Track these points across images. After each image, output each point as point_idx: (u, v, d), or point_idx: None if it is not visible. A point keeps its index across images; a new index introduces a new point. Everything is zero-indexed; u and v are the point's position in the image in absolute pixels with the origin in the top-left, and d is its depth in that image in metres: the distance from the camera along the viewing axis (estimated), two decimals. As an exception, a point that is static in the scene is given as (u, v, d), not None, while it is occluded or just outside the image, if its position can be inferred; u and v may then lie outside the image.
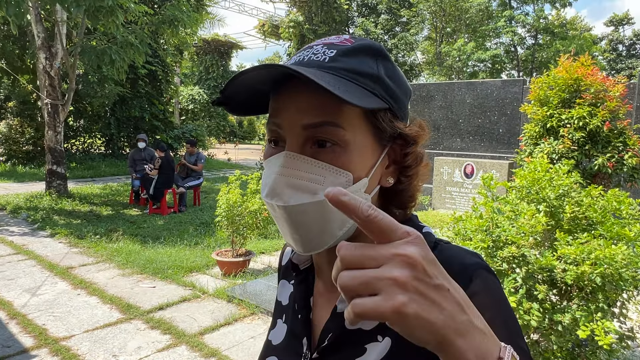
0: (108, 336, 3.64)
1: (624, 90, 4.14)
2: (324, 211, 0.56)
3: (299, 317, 0.68)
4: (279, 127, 0.58)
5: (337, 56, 0.57)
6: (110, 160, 16.28)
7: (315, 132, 0.56)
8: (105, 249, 6.00)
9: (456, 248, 0.62)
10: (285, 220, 0.57)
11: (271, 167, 0.58)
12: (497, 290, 0.57)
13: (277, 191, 0.56)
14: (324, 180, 0.55)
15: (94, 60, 8.00)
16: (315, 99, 0.55)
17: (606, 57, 35.83)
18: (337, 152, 0.56)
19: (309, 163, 0.56)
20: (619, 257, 2.32)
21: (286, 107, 0.57)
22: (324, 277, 0.69)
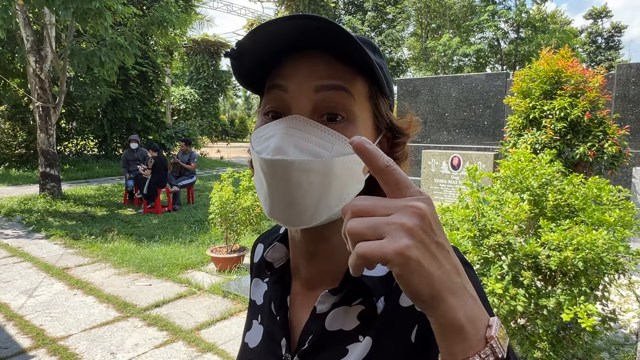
0: (105, 334, 3.69)
1: (603, 81, 4.23)
2: (327, 175, 0.53)
3: (277, 319, 0.66)
4: (284, 90, 0.55)
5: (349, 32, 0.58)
6: (104, 161, 16.27)
7: (328, 97, 0.54)
8: (101, 249, 6.04)
9: None
10: (282, 181, 0.52)
11: (271, 130, 0.55)
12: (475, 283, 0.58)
13: (283, 149, 0.52)
14: (332, 148, 0.53)
15: (83, 62, 8.00)
16: (329, 66, 0.54)
17: (586, 50, 36.25)
18: (346, 125, 0.55)
19: (320, 129, 0.53)
20: (599, 242, 2.40)
21: (297, 70, 0.55)
22: (301, 276, 0.67)
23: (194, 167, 9.47)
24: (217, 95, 28.29)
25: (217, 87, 27.92)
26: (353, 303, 0.59)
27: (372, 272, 0.58)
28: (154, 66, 16.90)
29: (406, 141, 0.64)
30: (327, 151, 0.53)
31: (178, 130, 18.33)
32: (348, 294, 0.59)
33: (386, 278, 0.58)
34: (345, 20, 26.95)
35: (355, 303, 0.59)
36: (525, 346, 2.62)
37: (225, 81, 28.28)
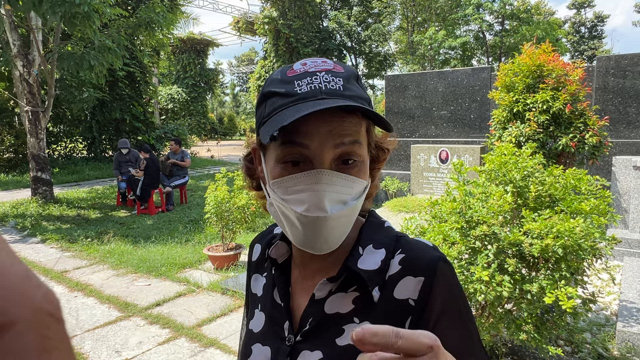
0: (109, 334, 3.79)
1: (583, 74, 4.41)
2: (351, 214, 0.65)
3: (281, 306, 0.74)
4: (307, 147, 0.62)
5: (345, 84, 0.63)
6: (94, 163, 16.21)
7: (345, 149, 0.63)
8: (98, 251, 6.11)
9: (417, 243, 0.71)
10: (319, 228, 0.63)
11: (301, 184, 0.63)
12: (453, 280, 0.68)
13: (319, 205, 0.61)
14: (352, 191, 0.64)
15: (72, 66, 8.00)
16: (344, 122, 0.62)
17: (570, 40, 36.75)
18: (358, 166, 0.65)
19: (343, 178, 0.63)
20: (577, 229, 2.55)
21: (318, 131, 0.61)
22: (302, 269, 0.76)
23: (189, 162, 9.55)
24: (205, 93, 28.19)
25: (204, 85, 27.81)
26: (349, 290, 0.69)
27: (366, 266, 0.68)
28: (141, 66, 16.85)
29: (387, 156, 0.75)
30: (349, 195, 0.64)
31: (167, 130, 18.31)
32: (344, 282, 0.69)
33: (379, 270, 0.68)
34: (331, 15, 27.00)
35: (351, 290, 0.69)
36: (512, 329, 2.77)
37: (212, 79, 28.18)
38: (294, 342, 0.70)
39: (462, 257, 2.78)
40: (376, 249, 0.70)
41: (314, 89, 0.62)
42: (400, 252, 0.69)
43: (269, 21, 22.23)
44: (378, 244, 0.71)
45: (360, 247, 0.71)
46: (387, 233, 0.74)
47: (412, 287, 0.66)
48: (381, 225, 0.76)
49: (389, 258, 0.69)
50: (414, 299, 0.65)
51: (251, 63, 58.01)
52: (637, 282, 3.96)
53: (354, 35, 26.65)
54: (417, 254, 0.68)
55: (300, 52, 23.12)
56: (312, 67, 0.64)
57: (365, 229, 0.74)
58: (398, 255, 0.69)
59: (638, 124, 6.63)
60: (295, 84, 0.63)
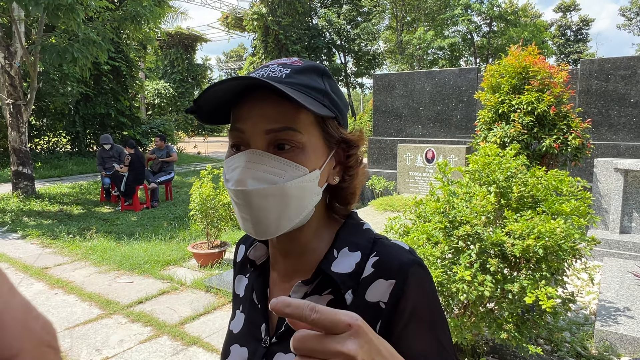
0: (89, 332, 3.73)
1: (567, 77, 4.47)
2: (284, 197, 0.63)
3: (258, 307, 0.75)
4: (242, 132, 0.65)
5: (291, 73, 0.64)
6: (77, 158, 15.95)
7: (277, 135, 0.63)
8: (80, 248, 6.02)
9: (393, 246, 0.70)
10: (247, 206, 0.64)
11: (236, 162, 0.65)
12: (427, 285, 0.67)
13: (242, 181, 0.63)
14: (285, 174, 0.63)
15: (55, 58, 7.84)
16: (276, 107, 0.62)
17: (556, 42, 37.31)
18: (295, 152, 0.64)
19: (273, 159, 0.63)
20: (558, 230, 2.59)
21: (250, 115, 0.64)
22: (278, 269, 0.76)
23: (176, 156, 9.47)
24: (193, 89, 27.94)
25: (192, 80, 27.58)
26: (323, 293, 0.68)
27: (340, 269, 0.67)
28: (127, 61, 16.62)
29: (357, 152, 0.73)
30: (280, 177, 0.63)
31: (153, 125, 18.11)
32: (319, 285, 0.69)
33: (353, 274, 0.67)
34: (321, 13, 26.95)
35: (325, 293, 0.68)
36: (493, 328, 2.80)
37: (200, 74, 27.94)
38: (270, 344, 0.71)
39: (445, 256, 2.80)
40: (351, 252, 0.70)
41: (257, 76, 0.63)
42: (374, 255, 0.69)
43: (258, 17, 22.10)
44: (354, 247, 0.70)
45: (335, 249, 0.70)
46: (364, 235, 0.73)
47: (383, 290, 0.65)
48: (359, 227, 0.75)
49: (364, 261, 0.68)
50: (384, 302, 0.64)
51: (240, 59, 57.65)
52: (616, 282, 4.03)
53: (344, 34, 26.65)
54: (390, 257, 0.68)
55: (289, 49, 23.04)
56: (274, 61, 0.68)
57: (342, 231, 0.73)
58: (372, 257, 0.68)
59: (620, 126, 6.74)
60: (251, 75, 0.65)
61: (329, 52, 27.32)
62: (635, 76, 6.53)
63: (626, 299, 3.64)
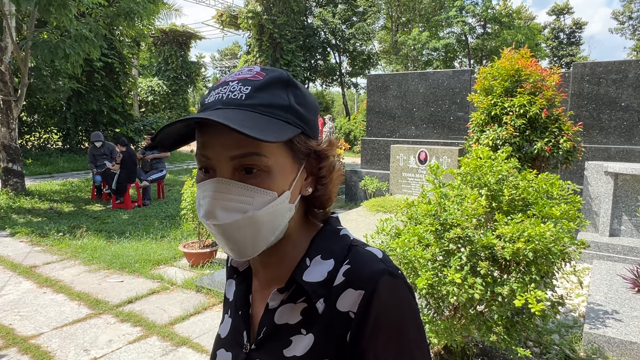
0: (78, 332, 3.70)
1: (559, 80, 4.49)
2: (255, 224, 0.64)
3: (239, 314, 0.76)
4: (207, 158, 0.64)
5: (252, 92, 0.63)
6: (69, 155, 15.81)
7: (242, 161, 0.62)
8: (69, 246, 5.96)
9: (366, 254, 0.69)
10: (222, 235, 0.64)
11: (205, 191, 0.64)
12: (397, 294, 0.65)
13: (212, 213, 0.62)
14: (253, 201, 0.63)
15: (47, 54, 7.76)
16: (236, 135, 0.59)
17: (549, 45, 37.59)
18: (262, 176, 0.63)
19: (240, 187, 0.63)
20: (547, 234, 2.60)
21: (212, 143, 0.63)
22: (259, 277, 0.77)
23: (168, 153, 9.40)
24: (187, 86, 27.78)
25: (186, 78, 27.41)
26: (298, 301, 0.69)
27: (311, 278, 0.68)
28: (120, 57, 16.50)
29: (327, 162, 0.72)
30: (249, 205, 0.63)
31: (146, 123, 18.01)
32: (293, 293, 0.69)
33: (325, 282, 0.67)
34: (316, 12, 26.92)
35: (300, 301, 0.69)
36: (483, 331, 2.81)
37: (194, 72, 27.78)
38: (249, 350, 0.72)
39: (436, 259, 2.80)
40: (324, 260, 0.70)
41: (216, 100, 0.64)
42: (347, 263, 0.68)
43: (252, 15, 22.02)
44: (327, 254, 0.70)
45: (308, 258, 0.70)
46: (339, 242, 0.72)
47: (352, 300, 0.65)
48: (335, 233, 0.74)
49: (337, 269, 0.68)
50: (354, 312, 0.64)
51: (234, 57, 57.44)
52: (605, 284, 4.07)
53: (339, 33, 26.64)
54: (361, 266, 0.67)
55: (284, 48, 22.99)
56: (233, 76, 0.67)
57: (317, 238, 0.73)
58: (345, 265, 0.68)
59: (610, 130, 6.80)
60: (210, 94, 0.66)
61: (323, 52, 27.31)
62: (627, 80, 6.59)
63: (615, 302, 3.67)
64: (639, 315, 3.41)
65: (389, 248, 2.85)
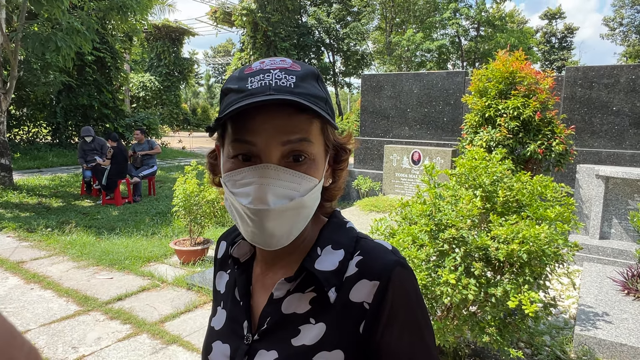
0: (66, 329, 3.64)
1: (553, 83, 4.52)
2: (299, 210, 0.64)
3: (240, 304, 0.75)
4: (253, 144, 0.62)
5: (298, 82, 0.62)
6: (58, 149, 15.60)
7: (294, 147, 0.63)
8: (58, 242, 5.87)
9: (376, 246, 0.71)
10: (263, 222, 0.62)
11: (247, 178, 0.63)
12: (410, 285, 0.67)
13: (262, 199, 0.61)
14: (300, 187, 0.64)
15: (38, 47, 7.64)
16: (291, 118, 0.62)
17: (541, 49, 37.98)
18: (308, 163, 0.65)
19: (289, 173, 0.63)
20: (542, 236, 2.61)
21: (264, 127, 0.62)
22: (262, 266, 0.77)
23: (159, 149, 9.31)
24: (179, 83, 27.61)
25: (178, 74, 27.24)
26: (306, 290, 0.69)
27: (323, 267, 0.68)
28: (112, 52, 16.33)
29: (348, 155, 0.74)
30: (297, 192, 0.63)
31: (137, 118, 17.83)
32: (302, 282, 0.69)
33: (337, 271, 0.68)
34: (310, 11, 26.87)
35: (308, 290, 0.69)
36: (476, 331, 2.81)
37: (187, 69, 27.62)
38: (252, 341, 0.71)
39: (430, 259, 2.80)
40: (335, 250, 0.70)
41: (264, 85, 0.62)
42: (358, 254, 0.69)
43: (247, 13, 21.92)
44: (337, 245, 0.71)
45: (319, 247, 0.71)
46: (347, 234, 0.73)
47: (367, 291, 0.66)
48: (342, 225, 0.75)
49: (348, 259, 0.69)
50: (369, 303, 0.65)
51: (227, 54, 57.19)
52: (595, 286, 4.10)
53: (333, 33, 26.63)
54: (374, 257, 0.68)
55: (278, 47, 22.92)
56: (268, 65, 0.65)
57: (325, 229, 0.74)
58: (356, 257, 0.69)
59: (602, 134, 6.86)
60: (248, 81, 0.63)
61: (317, 51, 27.27)
62: (618, 85, 6.65)
63: (605, 304, 3.70)
64: (628, 318, 3.44)
65: (384, 248, 2.84)
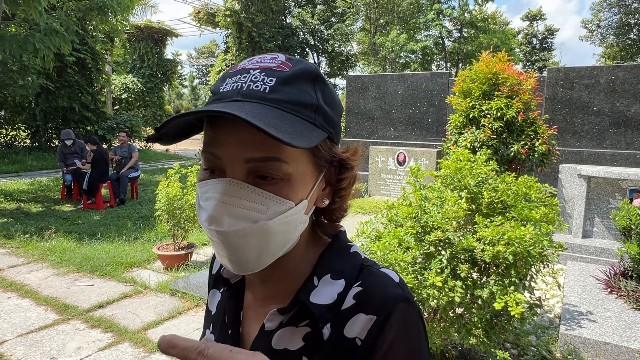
0: (45, 339, 3.53)
1: (535, 84, 4.56)
2: (265, 235, 0.56)
3: (229, 332, 0.68)
4: (217, 158, 0.56)
5: (277, 85, 0.54)
6: (37, 153, 15.26)
7: (258, 166, 0.54)
8: (37, 248, 5.72)
9: (382, 276, 0.63)
10: (224, 245, 0.56)
11: (209, 192, 0.56)
12: (412, 323, 0.59)
13: (217, 218, 0.54)
14: (267, 210, 0.55)
15: (15, 49, 7.45)
16: (257, 133, 0.52)
17: (522, 50, 38.62)
18: (280, 184, 0.55)
19: (254, 192, 0.54)
20: (527, 237, 2.61)
21: (226, 140, 0.55)
22: (254, 293, 0.69)
23: (136, 156, 9.10)
24: (162, 84, 27.27)
25: (161, 76, 26.92)
26: (300, 324, 0.62)
27: (319, 300, 0.61)
28: (92, 53, 16.04)
29: (351, 173, 0.65)
30: (262, 214, 0.55)
31: (120, 121, 17.54)
32: (296, 315, 0.62)
33: (333, 305, 0.60)
34: (295, 12, 26.83)
35: (302, 324, 0.62)
36: (462, 333, 2.80)
37: (170, 70, 27.31)
38: None
39: (416, 262, 2.78)
40: (334, 280, 0.62)
41: (234, 89, 0.55)
42: (358, 285, 0.61)
43: (230, 14, 21.77)
44: (337, 274, 0.63)
45: (316, 277, 0.63)
46: (350, 260, 0.65)
47: (361, 326, 0.58)
48: (346, 250, 0.67)
49: (347, 290, 0.61)
50: (361, 339, 0.58)
51: (211, 55, 56.76)
52: (579, 285, 4.14)
53: (317, 34, 26.62)
54: (375, 289, 0.61)
55: (263, 47, 22.80)
56: (254, 64, 0.58)
57: (326, 254, 0.65)
58: (355, 287, 0.61)
59: (583, 133, 6.97)
60: (225, 81, 0.57)
61: (302, 52, 27.21)
62: (598, 85, 6.76)
63: (589, 303, 3.74)
64: (612, 316, 3.48)
65: (370, 251, 2.81)
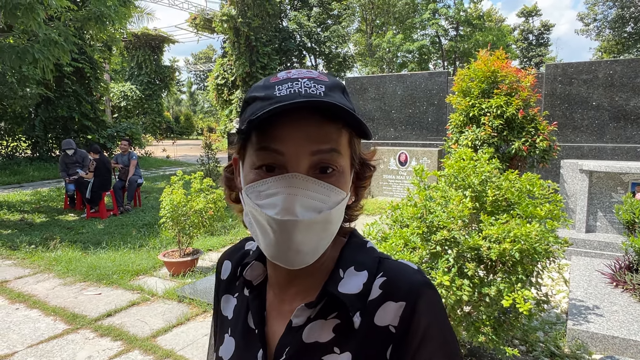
0: (55, 349, 3.55)
1: (534, 81, 4.58)
2: (326, 224, 0.61)
3: (255, 332, 0.70)
4: (280, 153, 0.59)
5: (327, 91, 0.60)
6: (39, 163, 15.28)
7: (323, 157, 0.60)
8: (43, 259, 5.74)
9: (400, 265, 0.68)
10: (290, 235, 0.59)
11: (274, 188, 0.59)
12: (438, 306, 0.64)
13: (290, 210, 0.58)
14: (329, 200, 0.60)
15: (15, 60, 7.48)
16: (321, 127, 0.59)
17: (519, 46, 38.68)
18: (337, 175, 0.61)
19: (317, 184, 0.59)
20: (533, 234, 2.63)
21: (293, 135, 0.59)
22: (277, 290, 0.72)
23: (134, 163, 9.07)
24: (160, 91, 27.36)
25: (159, 82, 27.00)
26: (329, 317, 0.64)
27: (347, 289, 0.64)
28: (91, 62, 16.09)
29: (371, 173, 0.71)
30: (325, 204, 0.60)
31: (119, 129, 17.58)
32: (324, 308, 0.65)
33: (361, 295, 0.64)
34: (291, 15, 26.89)
35: (331, 317, 0.64)
36: (471, 331, 2.81)
37: (168, 76, 27.40)
38: None
39: (423, 261, 2.80)
40: (358, 272, 0.67)
41: (293, 93, 0.59)
42: (381, 275, 0.66)
43: (227, 19, 21.82)
44: (360, 266, 0.67)
45: (341, 269, 0.67)
46: (369, 254, 0.70)
47: (392, 313, 0.63)
48: (363, 245, 0.72)
49: (371, 282, 0.66)
50: (395, 326, 0.62)
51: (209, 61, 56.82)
52: (584, 280, 4.15)
53: (314, 36, 26.67)
54: (399, 278, 0.65)
55: (260, 51, 22.85)
56: (295, 74, 0.62)
57: (346, 249, 0.70)
58: (379, 278, 0.66)
59: (583, 128, 6.99)
60: (276, 88, 0.60)
61: (299, 55, 27.27)
62: (597, 80, 6.78)
63: (595, 297, 3.75)
64: (618, 310, 3.49)
65: (377, 252, 2.83)
